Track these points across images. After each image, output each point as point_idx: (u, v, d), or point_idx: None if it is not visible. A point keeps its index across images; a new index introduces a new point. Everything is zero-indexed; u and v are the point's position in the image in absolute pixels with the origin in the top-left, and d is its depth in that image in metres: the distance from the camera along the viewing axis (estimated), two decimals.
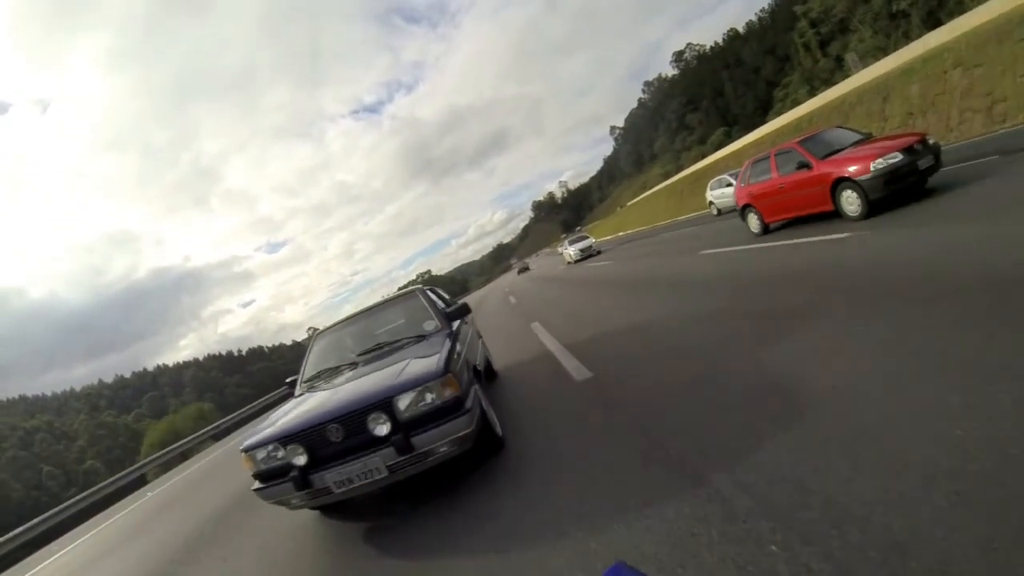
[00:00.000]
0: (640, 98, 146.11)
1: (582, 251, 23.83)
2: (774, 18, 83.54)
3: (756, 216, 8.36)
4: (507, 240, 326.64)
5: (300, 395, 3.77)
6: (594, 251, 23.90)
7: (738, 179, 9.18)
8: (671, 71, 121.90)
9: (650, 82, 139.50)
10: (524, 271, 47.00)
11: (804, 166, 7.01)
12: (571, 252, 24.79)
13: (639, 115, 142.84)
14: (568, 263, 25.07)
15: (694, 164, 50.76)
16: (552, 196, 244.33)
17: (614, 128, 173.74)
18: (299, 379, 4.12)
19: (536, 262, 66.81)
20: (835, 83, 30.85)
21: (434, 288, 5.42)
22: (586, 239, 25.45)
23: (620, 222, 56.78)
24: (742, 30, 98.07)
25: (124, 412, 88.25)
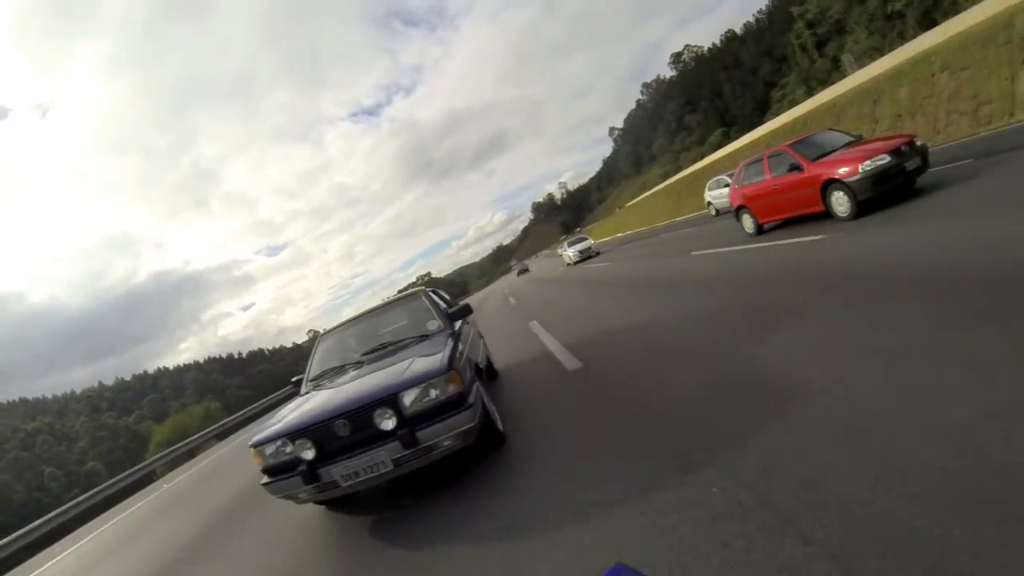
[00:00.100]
0: (639, 99, 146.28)
1: (581, 252, 23.92)
2: (771, 19, 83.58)
3: (750, 217, 8.50)
4: (507, 242, 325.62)
5: (306, 393, 3.81)
6: (593, 252, 24.00)
7: (733, 181, 9.33)
8: (669, 72, 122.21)
9: (649, 83, 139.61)
10: (524, 272, 46.95)
11: (796, 168, 7.16)
12: (570, 254, 24.90)
13: (638, 116, 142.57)
14: (567, 264, 25.15)
15: (693, 165, 50.86)
16: (552, 197, 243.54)
17: (613, 129, 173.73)
18: (305, 378, 4.16)
19: (536, 263, 66.55)
20: (832, 83, 31.01)
21: (436, 290, 5.48)
22: (585, 240, 25.56)
23: (619, 223, 56.80)
24: (739, 31, 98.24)
25: (125, 414, 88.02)
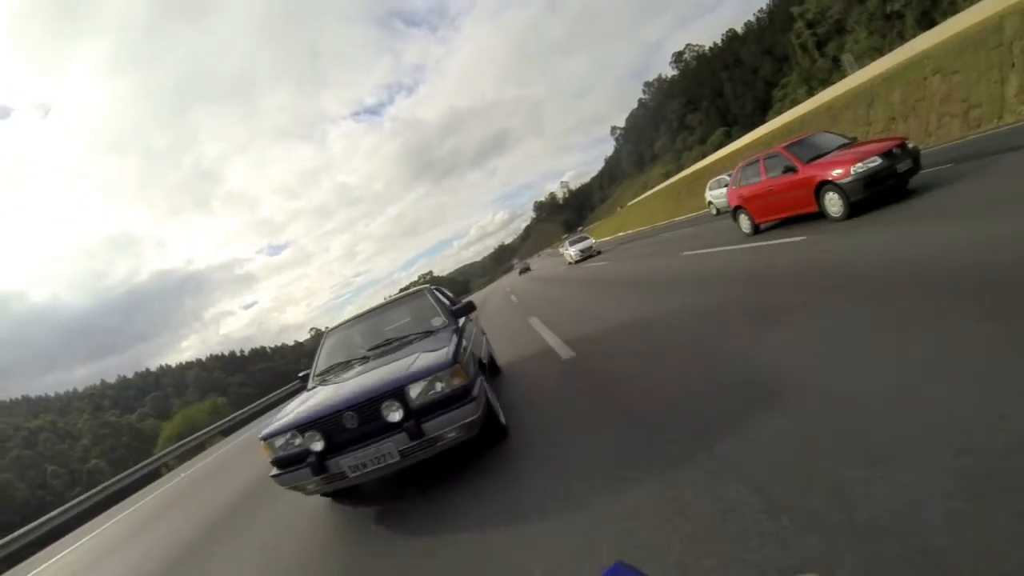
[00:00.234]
0: (640, 98, 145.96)
1: (582, 251, 24.09)
2: (772, 19, 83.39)
3: (747, 217, 8.64)
4: (509, 241, 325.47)
5: (313, 388, 3.87)
6: (594, 251, 24.16)
7: (731, 182, 9.48)
8: (671, 71, 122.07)
9: (650, 82, 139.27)
10: (525, 271, 47.04)
11: (790, 170, 7.30)
12: (571, 253, 25.05)
13: (640, 115, 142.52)
14: (569, 263, 25.28)
15: (695, 164, 50.94)
16: (554, 196, 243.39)
17: (615, 128, 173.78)
18: (311, 373, 4.26)
19: (538, 262, 66.60)
20: (832, 83, 31.16)
21: (440, 288, 5.58)
22: (586, 240, 25.72)
23: (620, 222, 56.87)
24: (740, 31, 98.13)
25: (127, 412, 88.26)
